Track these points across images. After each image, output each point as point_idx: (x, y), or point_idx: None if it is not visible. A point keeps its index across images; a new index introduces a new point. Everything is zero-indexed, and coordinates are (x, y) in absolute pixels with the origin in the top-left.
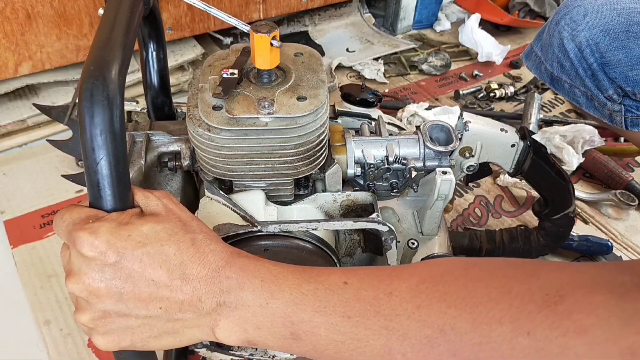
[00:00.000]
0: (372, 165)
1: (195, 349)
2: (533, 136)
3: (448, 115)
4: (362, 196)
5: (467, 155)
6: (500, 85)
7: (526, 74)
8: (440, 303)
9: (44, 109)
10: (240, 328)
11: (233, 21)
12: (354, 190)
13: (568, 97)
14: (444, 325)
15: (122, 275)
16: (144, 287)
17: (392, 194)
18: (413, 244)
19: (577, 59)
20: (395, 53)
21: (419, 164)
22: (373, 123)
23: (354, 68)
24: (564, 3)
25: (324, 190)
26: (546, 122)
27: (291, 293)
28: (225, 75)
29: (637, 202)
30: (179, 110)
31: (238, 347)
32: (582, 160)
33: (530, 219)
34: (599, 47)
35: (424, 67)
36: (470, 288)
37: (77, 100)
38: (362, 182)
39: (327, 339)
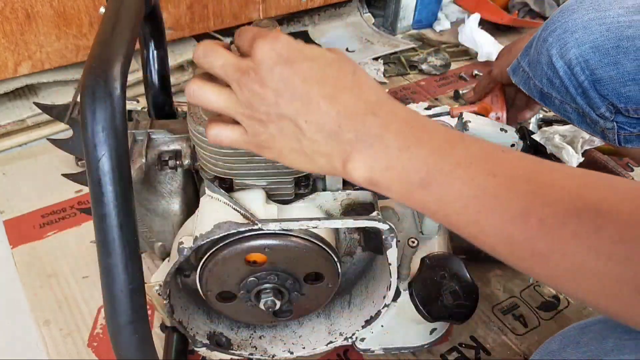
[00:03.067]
0: None
1: (195, 349)
2: (533, 136)
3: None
4: (363, 195)
5: None
6: None
7: None
8: (607, 190)
9: (44, 108)
10: (367, 166)
11: None
12: (355, 189)
13: (559, 112)
14: (601, 204)
15: (286, 78)
16: (298, 95)
17: None
18: (413, 242)
19: (567, 76)
20: (395, 53)
21: None
22: None
23: None
24: (551, 19)
25: (324, 189)
26: (545, 122)
27: (440, 144)
28: None
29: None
30: (179, 110)
31: (237, 346)
32: (581, 160)
33: None
34: (589, 64)
35: (424, 66)
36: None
37: (77, 99)
38: None
39: (459, 193)
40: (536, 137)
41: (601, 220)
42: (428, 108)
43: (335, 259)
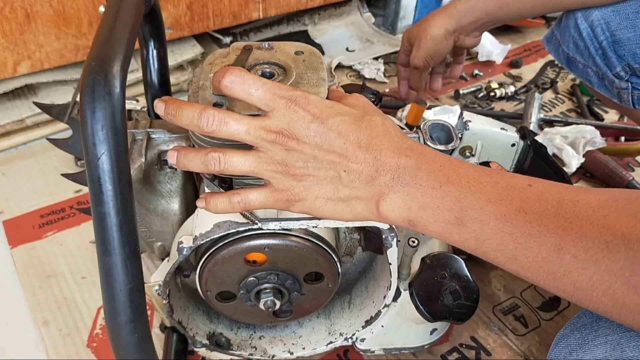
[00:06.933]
0: None
1: (195, 349)
2: (535, 137)
3: (448, 114)
4: None
5: (468, 154)
6: (501, 85)
7: (526, 74)
8: (631, 218)
9: (44, 108)
10: (405, 205)
11: None
12: None
13: (582, 77)
14: (630, 234)
15: (322, 133)
16: (336, 148)
17: None
18: (413, 242)
19: (589, 37)
20: (396, 52)
21: None
22: None
23: (353, 67)
24: None
25: None
26: (546, 122)
27: (468, 181)
28: None
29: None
30: None
31: (237, 346)
32: (582, 161)
33: None
34: (610, 25)
35: None
36: None
37: (77, 99)
38: None
39: (494, 229)
40: (538, 138)
41: (632, 254)
42: (428, 108)
43: (335, 259)
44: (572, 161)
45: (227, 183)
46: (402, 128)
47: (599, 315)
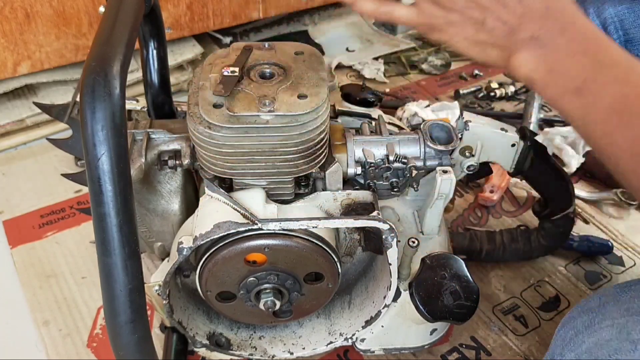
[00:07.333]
0: (372, 164)
1: (195, 349)
2: (535, 137)
3: (446, 111)
4: (363, 195)
5: (467, 154)
6: (501, 85)
7: None
8: None
9: (44, 108)
10: (535, 65)
11: None
12: (354, 189)
13: None
14: None
15: None
16: None
17: (392, 193)
18: (414, 242)
19: None
20: (395, 52)
21: (420, 163)
22: (373, 122)
23: (353, 67)
24: None
25: (324, 189)
26: (547, 122)
27: (605, 57)
28: (225, 73)
29: (637, 201)
30: (178, 109)
31: (237, 346)
32: (582, 161)
33: (530, 219)
34: (623, 23)
35: (424, 66)
36: None
37: (77, 99)
38: (362, 181)
39: (607, 105)
40: (538, 138)
41: None
42: (428, 106)
43: (335, 259)
44: (572, 161)
45: (226, 183)
46: (401, 128)
47: (607, 300)
